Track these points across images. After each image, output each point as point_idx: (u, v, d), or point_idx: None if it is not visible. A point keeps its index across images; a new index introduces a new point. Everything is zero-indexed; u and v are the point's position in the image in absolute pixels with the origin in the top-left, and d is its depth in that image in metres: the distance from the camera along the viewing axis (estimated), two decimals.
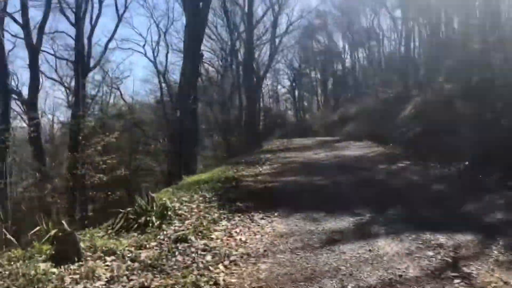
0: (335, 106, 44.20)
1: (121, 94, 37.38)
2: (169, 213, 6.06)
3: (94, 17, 26.99)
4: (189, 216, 6.35)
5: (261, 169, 12.01)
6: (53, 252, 4.54)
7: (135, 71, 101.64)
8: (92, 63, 26.74)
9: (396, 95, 24.42)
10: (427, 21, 26.95)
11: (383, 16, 41.06)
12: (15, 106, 25.64)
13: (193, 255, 4.73)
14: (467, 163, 10.82)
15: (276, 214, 6.44)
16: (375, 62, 43.64)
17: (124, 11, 30.08)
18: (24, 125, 19.96)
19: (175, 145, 12.35)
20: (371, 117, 24.95)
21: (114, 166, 13.51)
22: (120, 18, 29.22)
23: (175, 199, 7.79)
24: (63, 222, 5.26)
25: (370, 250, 4.67)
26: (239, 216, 6.33)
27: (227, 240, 5.22)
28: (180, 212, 6.47)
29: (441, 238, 4.96)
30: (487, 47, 15.78)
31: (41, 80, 32.01)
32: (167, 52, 36.21)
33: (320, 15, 46.03)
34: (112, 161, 12.00)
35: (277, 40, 37.19)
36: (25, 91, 21.01)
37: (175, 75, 36.58)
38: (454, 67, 19.59)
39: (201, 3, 12.46)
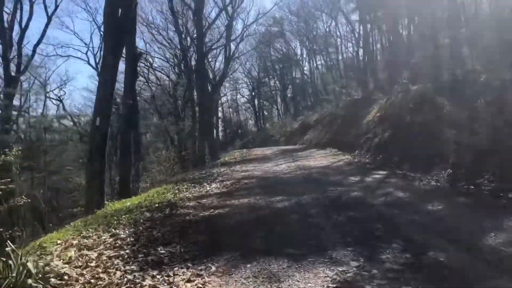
0: (295, 114, 42.82)
1: (63, 106, 34.21)
2: (30, 281, 3.59)
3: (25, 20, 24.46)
4: (74, 280, 3.95)
5: (209, 188, 9.77)
6: None
7: (80, 80, 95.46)
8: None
9: (358, 100, 23.08)
10: (386, 21, 25.92)
11: (340, 21, 40.29)
12: None
13: None
14: (450, 171, 9.26)
15: (213, 268, 4.11)
16: (334, 68, 42.70)
17: (55, 11, 27.71)
18: None
19: (95, 163, 9.74)
20: (332, 124, 23.66)
21: (15, 192, 10.61)
22: (50, 18, 26.48)
23: (74, 243, 5.37)
24: None
25: None
26: (152, 277, 3.96)
27: None
28: (63, 270, 4.05)
29: None
30: (457, 41, 14.62)
31: None
32: None
33: (277, 22, 44.70)
34: (8, 186, 8.85)
35: (233, 46, 35.14)
36: None
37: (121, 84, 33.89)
38: (420, 65, 18.42)
39: None
